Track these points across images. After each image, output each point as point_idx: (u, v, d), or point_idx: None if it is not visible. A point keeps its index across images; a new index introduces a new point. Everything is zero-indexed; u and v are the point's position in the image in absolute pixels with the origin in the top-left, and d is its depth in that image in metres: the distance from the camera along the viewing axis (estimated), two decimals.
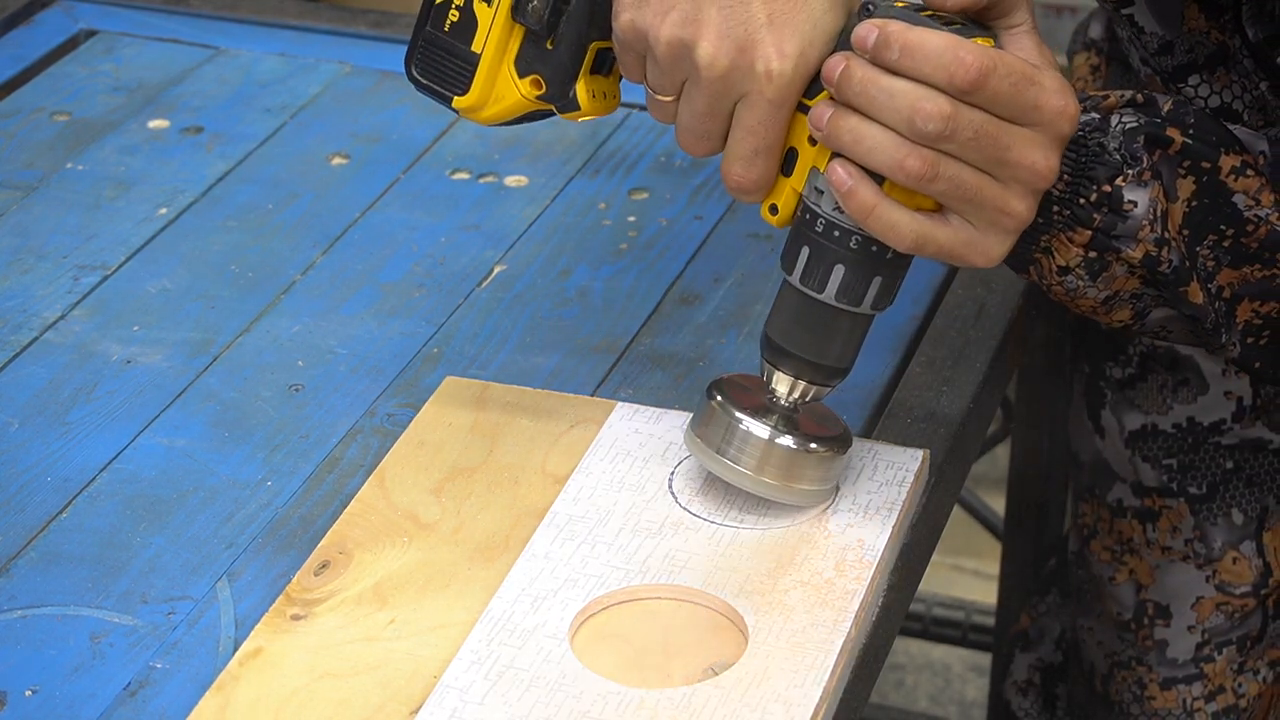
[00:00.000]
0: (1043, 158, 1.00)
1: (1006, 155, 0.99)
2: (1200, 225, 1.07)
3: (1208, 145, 1.07)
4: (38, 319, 1.28)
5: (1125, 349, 1.40)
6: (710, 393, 1.07)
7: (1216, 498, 1.39)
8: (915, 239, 1.01)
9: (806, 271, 1.04)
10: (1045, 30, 2.08)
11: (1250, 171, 1.07)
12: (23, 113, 1.51)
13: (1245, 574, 1.39)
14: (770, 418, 1.06)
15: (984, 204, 1.00)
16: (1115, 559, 1.44)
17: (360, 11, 1.64)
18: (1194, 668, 1.41)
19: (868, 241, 1.02)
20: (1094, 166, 1.05)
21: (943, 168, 0.99)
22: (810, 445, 1.06)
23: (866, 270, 1.03)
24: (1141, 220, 1.06)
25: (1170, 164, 1.06)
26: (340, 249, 1.36)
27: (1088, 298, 1.08)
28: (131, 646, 1.03)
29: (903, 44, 0.98)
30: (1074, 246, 1.06)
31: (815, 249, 1.03)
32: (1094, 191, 1.05)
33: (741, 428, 1.06)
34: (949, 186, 0.99)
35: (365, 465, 1.15)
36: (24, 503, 1.13)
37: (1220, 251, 1.07)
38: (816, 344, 1.05)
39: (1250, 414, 1.37)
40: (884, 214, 1.00)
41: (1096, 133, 1.06)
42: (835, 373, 1.06)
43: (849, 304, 1.03)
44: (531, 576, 1.04)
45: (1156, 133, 1.06)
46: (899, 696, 2.47)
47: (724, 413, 1.06)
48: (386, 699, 0.97)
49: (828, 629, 1.00)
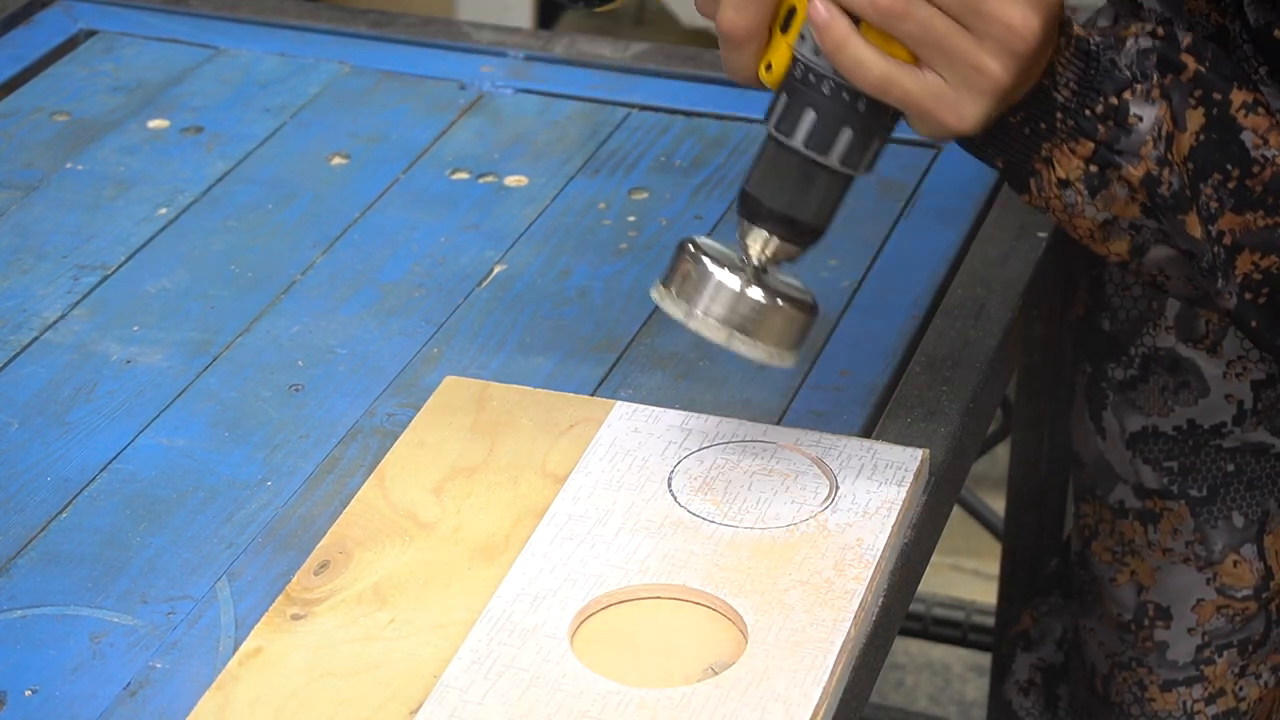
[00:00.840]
0: (1020, 15, 1.00)
1: (982, 6, 0.99)
2: (1206, 161, 1.06)
3: (1221, 77, 1.06)
4: (38, 319, 1.28)
5: (1127, 350, 1.39)
6: (683, 245, 1.07)
7: (1217, 500, 1.39)
8: (880, 79, 1.01)
9: (781, 117, 1.04)
10: None
11: (1261, 110, 1.06)
12: (22, 113, 1.51)
13: (1246, 577, 1.39)
14: (741, 273, 1.06)
15: (955, 55, 1.00)
16: (1116, 560, 1.43)
17: (360, 11, 1.64)
18: (1194, 670, 1.41)
19: (839, 88, 1.02)
20: (1102, 79, 1.05)
21: (913, 8, 0.99)
22: (777, 301, 1.06)
23: (836, 118, 1.03)
24: (1145, 136, 1.05)
25: (1182, 91, 1.06)
26: (340, 249, 1.36)
27: (1085, 217, 1.08)
28: (131, 646, 1.03)
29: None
30: (1075, 158, 1.06)
31: (791, 94, 1.04)
32: (1100, 103, 1.05)
33: (714, 279, 1.05)
34: (918, 29, 1.00)
35: (365, 465, 1.15)
36: (24, 503, 1.13)
37: (1224, 193, 1.07)
38: (787, 196, 1.05)
39: (1251, 418, 1.37)
40: (852, 49, 1.00)
41: (1110, 50, 1.06)
42: (807, 230, 1.06)
43: (816, 151, 1.03)
44: (531, 576, 1.04)
45: (1170, 56, 1.06)
46: (899, 696, 2.47)
47: (694, 263, 1.06)
48: (386, 698, 0.97)
49: (827, 629, 1.00)
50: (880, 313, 1.29)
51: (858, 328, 1.27)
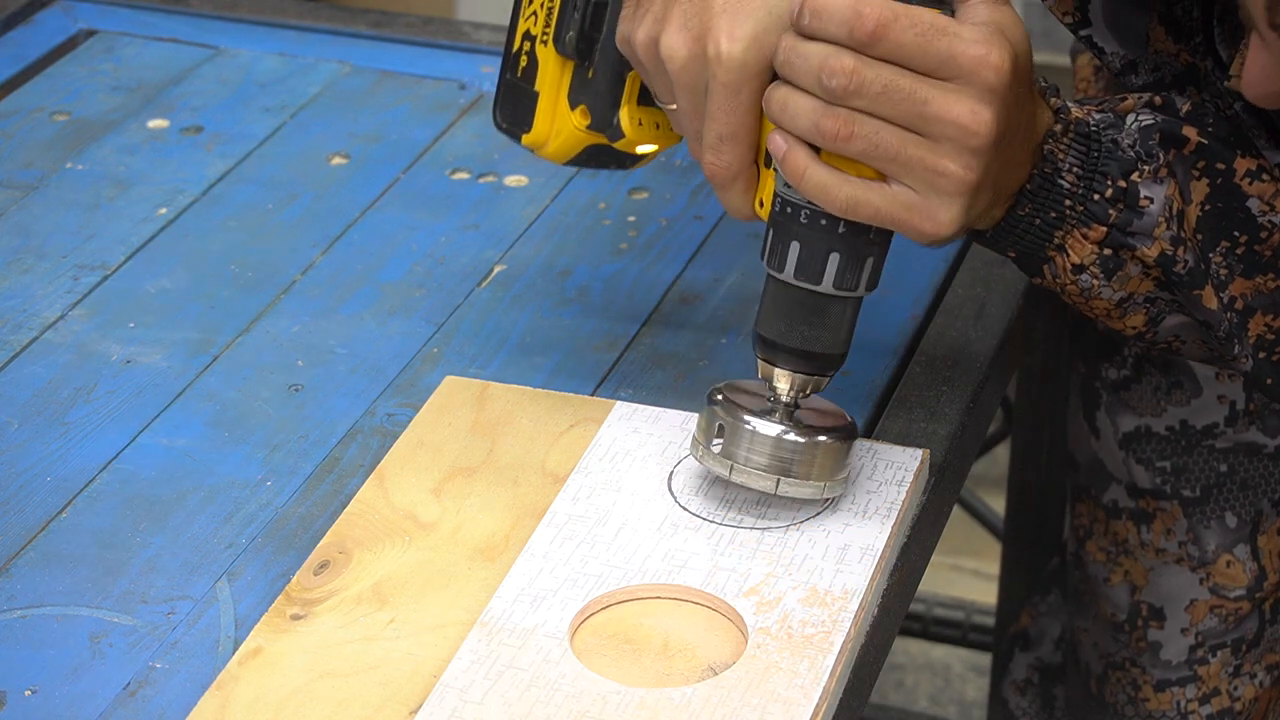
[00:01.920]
0: (968, 112, 0.99)
1: (926, 110, 0.98)
2: (1214, 230, 1.06)
3: (1224, 145, 1.06)
4: (37, 319, 1.28)
5: (1120, 350, 1.39)
6: (711, 398, 1.07)
7: (1210, 501, 1.39)
8: (847, 200, 1.00)
9: (770, 253, 1.04)
10: (1045, 30, 2.08)
11: (1266, 176, 1.06)
12: (22, 113, 1.51)
13: (1239, 577, 1.39)
14: (774, 416, 1.06)
15: (913, 164, 0.99)
16: (1110, 560, 1.43)
17: (360, 11, 1.64)
18: (1188, 670, 1.41)
19: (816, 215, 1.02)
20: (1107, 162, 1.04)
21: (858, 127, 0.98)
22: (817, 438, 1.06)
23: (820, 246, 1.02)
24: (1158, 217, 1.05)
25: (1185, 164, 1.05)
26: (340, 249, 1.36)
27: (1102, 298, 1.07)
28: (131, 646, 1.03)
29: (812, 8, 0.98)
30: (1089, 243, 1.05)
31: (776, 229, 1.04)
32: (1108, 186, 1.04)
33: (747, 428, 1.05)
34: (868, 146, 0.99)
35: (365, 465, 1.15)
36: (24, 503, 1.13)
37: (1233, 260, 1.06)
38: (798, 332, 1.04)
39: (1244, 418, 1.37)
40: (814, 176, 1.00)
41: (1111, 129, 1.05)
42: (827, 359, 1.05)
43: (809, 282, 1.03)
44: (531, 576, 1.04)
45: (1173, 130, 1.05)
46: (899, 696, 2.47)
47: (727, 415, 1.06)
48: (386, 698, 0.97)
49: (828, 629, 1.00)
50: (880, 313, 1.29)
51: (858, 328, 1.27)
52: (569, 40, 1.10)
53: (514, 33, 1.13)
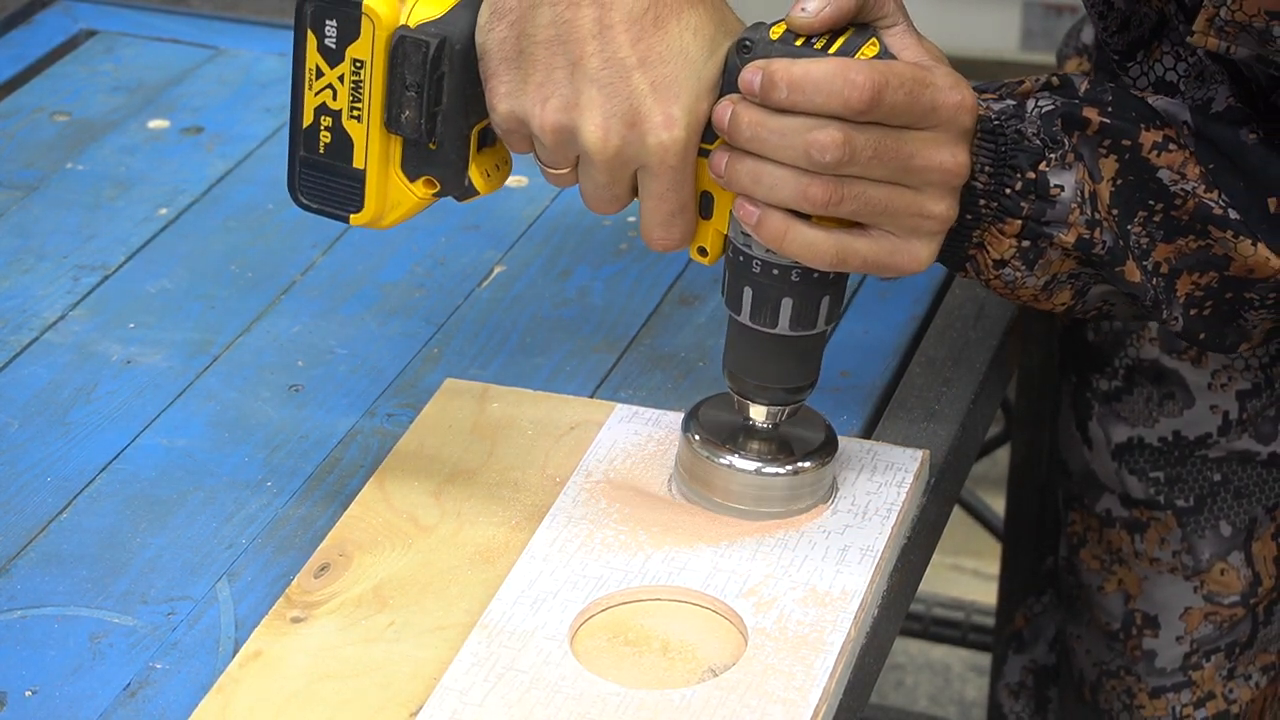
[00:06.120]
0: (950, 155, 0.99)
1: (911, 163, 0.99)
2: (1129, 203, 1.06)
3: (1126, 121, 1.05)
4: (38, 319, 1.28)
5: (1111, 361, 1.39)
6: (686, 433, 1.08)
7: (1204, 510, 1.39)
8: (835, 255, 1.00)
9: (755, 311, 1.04)
10: (1045, 30, 2.08)
11: (1173, 146, 1.06)
12: (23, 113, 1.51)
13: (1234, 584, 1.39)
14: (750, 449, 1.07)
15: (899, 213, 1.00)
16: (1104, 568, 1.43)
17: None
18: (1182, 675, 1.41)
19: (768, 265, 1.02)
20: (1015, 154, 1.04)
21: (848, 189, 0.98)
22: (797, 465, 1.07)
23: (773, 292, 1.03)
24: (1070, 204, 1.05)
25: (1090, 144, 1.05)
26: (340, 249, 1.36)
27: (1027, 287, 1.07)
28: (131, 647, 1.03)
29: (789, 81, 0.96)
30: (1006, 238, 1.05)
31: (758, 289, 1.03)
32: (1018, 180, 1.04)
33: (725, 468, 1.07)
34: (859, 205, 0.99)
35: (365, 466, 1.15)
36: (24, 503, 1.13)
37: (1152, 227, 1.06)
38: (763, 369, 1.06)
39: (1237, 427, 1.36)
40: (797, 237, 1.00)
41: (1014, 119, 1.05)
42: (806, 388, 1.07)
43: (765, 325, 1.04)
44: (531, 578, 1.04)
45: (1073, 113, 1.05)
46: (899, 696, 2.47)
47: (705, 453, 1.07)
48: (386, 701, 0.97)
49: (827, 629, 1.00)
50: (880, 313, 1.29)
51: (858, 328, 1.27)
52: (407, 121, 1.02)
53: (301, 106, 1.04)
